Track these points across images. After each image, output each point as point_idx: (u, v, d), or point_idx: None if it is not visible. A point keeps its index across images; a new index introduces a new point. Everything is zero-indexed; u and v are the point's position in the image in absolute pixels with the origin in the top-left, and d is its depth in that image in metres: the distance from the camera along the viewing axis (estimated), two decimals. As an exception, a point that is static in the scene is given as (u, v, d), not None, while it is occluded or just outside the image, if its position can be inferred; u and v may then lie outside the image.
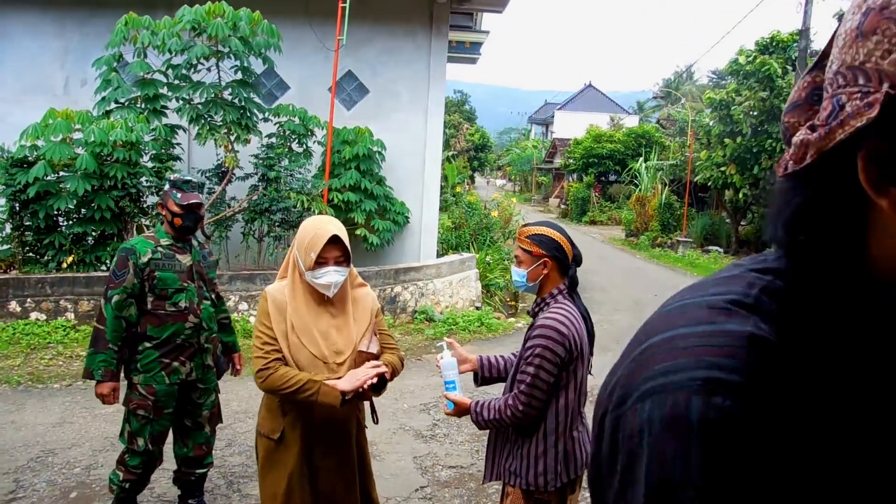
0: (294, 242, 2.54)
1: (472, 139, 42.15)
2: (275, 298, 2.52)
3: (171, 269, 3.42)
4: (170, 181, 3.49)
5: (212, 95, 7.80)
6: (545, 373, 2.29)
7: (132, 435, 3.43)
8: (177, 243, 3.48)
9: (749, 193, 18.42)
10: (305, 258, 2.45)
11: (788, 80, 16.73)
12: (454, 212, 13.36)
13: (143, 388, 3.40)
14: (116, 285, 3.33)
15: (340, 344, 2.54)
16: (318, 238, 2.43)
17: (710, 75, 52.01)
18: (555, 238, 2.44)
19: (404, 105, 10.11)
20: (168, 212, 3.42)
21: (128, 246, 3.41)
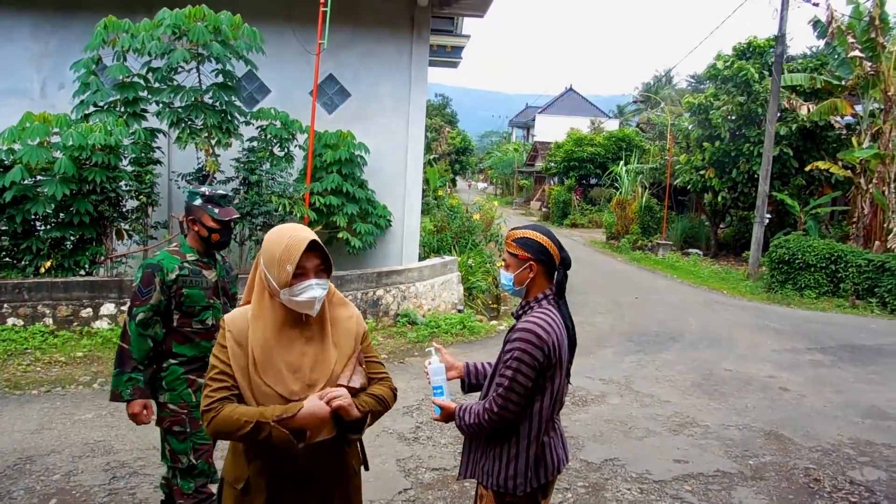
0: (258, 260, 2.13)
1: (454, 142, 42.15)
2: (234, 326, 2.09)
3: (199, 286, 3.25)
4: (202, 195, 3.25)
5: (192, 99, 7.74)
6: (522, 376, 2.28)
7: (174, 454, 3.26)
8: (203, 258, 3.31)
9: (728, 196, 18.64)
10: (279, 273, 2.03)
11: (765, 84, 16.96)
12: (436, 215, 13.38)
13: (173, 404, 3.24)
14: (142, 302, 3.15)
15: (314, 375, 2.11)
16: (294, 246, 2.03)
17: (688, 80, 52.56)
18: (540, 241, 2.43)
19: (386, 108, 10.11)
20: (203, 227, 3.24)
21: (153, 262, 3.21)
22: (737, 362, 8.27)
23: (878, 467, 5.17)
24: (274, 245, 2.08)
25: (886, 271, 12.44)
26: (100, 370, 6.60)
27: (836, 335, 10.12)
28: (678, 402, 6.61)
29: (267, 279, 2.09)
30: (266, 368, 2.06)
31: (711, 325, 10.54)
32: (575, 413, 6.06)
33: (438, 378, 2.58)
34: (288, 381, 2.07)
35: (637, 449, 5.33)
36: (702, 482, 4.77)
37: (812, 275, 13.53)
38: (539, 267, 2.42)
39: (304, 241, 2.05)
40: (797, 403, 6.73)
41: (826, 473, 5.00)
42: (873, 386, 7.45)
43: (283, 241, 2.06)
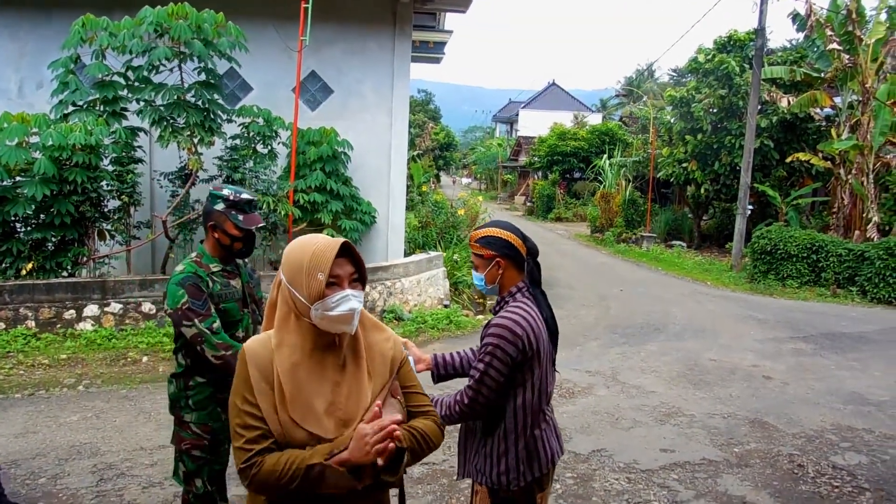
0: (278, 280, 1.83)
1: (438, 138, 42.16)
2: (257, 358, 1.76)
3: (233, 298, 3.00)
4: (226, 200, 2.94)
5: (174, 97, 7.69)
6: (494, 371, 2.30)
7: (189, 475, 3.02)
8: (226, 267, 3.03)
9: (710, 189, 18.79)
10: (309, 285, 1.73)
11: (746, 77, 17.09)
12: (421, 211, 13.38)
13: (196, 426, 2.98)
14: (206, 315, 2.84)
15: (349, 409, 1.79)
16: (324, 251, 1.75)
17: (670, 73, 52.78)
18: (503, 237, 2.43)
19: (369, 105, 10.10)
20: (224, 234, 2.94)
21: (188, 273, 2.89)
22: (721, 352, 8.35)
23: (859, 452, 5.25)
24: (298, 254, 1.78)
25: (866, 260, 12.60)
26: (84, 372, 6.55)
27: (817, 324, 10.25)
28: (664, 392, 6.67)
29: (293, 296, 1.77)
30: (296, 405, 1.73)
31: (695, 316, 10.63)
32: (562, 405, 6.10)
33: None
34: (321, 418, 1.75)
35: (624, 439, 5.38)
36: (688, 470, 4.82)
37: (794, 265, 13.68)
38: (507, 262, 2.43)
39: (334, 244, 1.76)
40: (780, 391, 6.82)
41: (809, 459, 5.08)
42: (854, 373, 7.56)
43: (308, 249, 1.77)
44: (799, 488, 4.59)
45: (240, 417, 1.74)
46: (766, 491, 4.53)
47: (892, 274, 12.13)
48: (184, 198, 8.22)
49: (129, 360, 6.90)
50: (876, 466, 4.99)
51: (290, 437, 1.73)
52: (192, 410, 2.99)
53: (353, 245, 1.81)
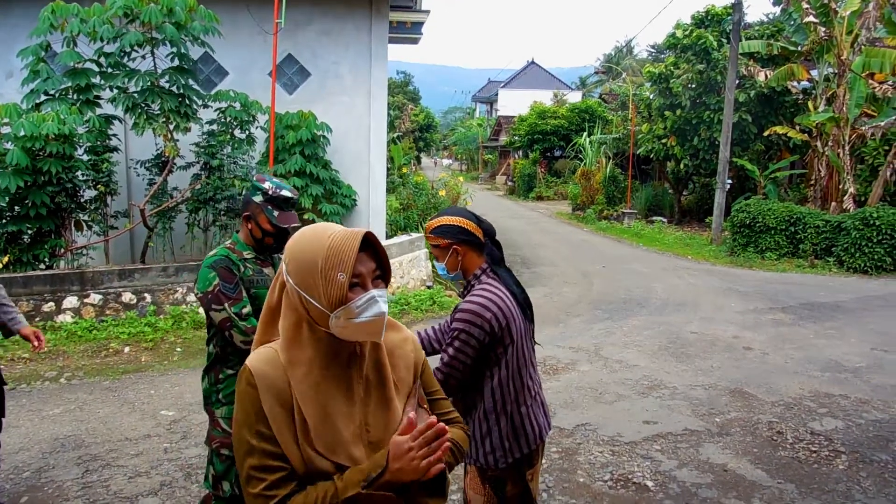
0: (280, 280, 1.53)
1: (417, 120, 41.93)
2: (266, 380, 1.45)
3: (265, 285, 2.93)
4: (265, 193, 2.88)
5: (148, 83, 7.57)
6: (463, 354, 2.32)
7: (216, 479, 2.88)
8: (260, 255, 2.99)
9: (690, 164, 18.89)
10: (328, 288, 1.42)
11: (724, 52, 17.13)
12: (401, 193, 13.36)
13: (226, 422, 2.87)
14: (236, 299, 2.78)
15: (378, 429, 1.53)
16: (344, 245, 1.44)
17: (649, 49, 52.83)
18: (456, 223, 2.45)
19: (347, 87, 10.01)
20: (257, 227, 2.90)
21: (220, 256, 2.85)
22: (702, 325, 8.46)
23: (836, 417, 5.37)
24: (310, 251, 1.45)
25: (842, 231, 12.78)
26: (66, 364, 6.51)
27: (796, 294, 10.40)
28: (646, 365, 6.75)
29: (305, 302, 1.45)
30: (322, 434, 1.45)
31: (677, 290, 10.74)
32: (546, 381, 6.16)
33: None
34: (350, 445, 1.48)
35: (608, 413, 5.45)
36: (671, 441, 4.90)
37: (772, 237, 13.84)
38: (464, 247, 2.45)
39: (355, 236, 1.45)
40: (760, 361, 6.93)
41: (788, 426, 5.18)
42: (831, 341, 7.70)
43: (322, 243, 1.44)
44: (778, 454, 4.69)
45: (255, 457, 1.42)
46: (747, 458, 4.62)
47: (868, 244, 12.31)
48: (161, 185, 8.13)
49: (110, 351, 6.86)
50: (851, 430, 5.10)
51: (312, 470, 1.45)
52: (223, 405, 2.89)
53: (374, 235, 1.50)
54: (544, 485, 4.16)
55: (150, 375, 6.30)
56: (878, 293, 10.57)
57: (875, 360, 6.97)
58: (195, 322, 7.62)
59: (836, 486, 4.22)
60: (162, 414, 5.32)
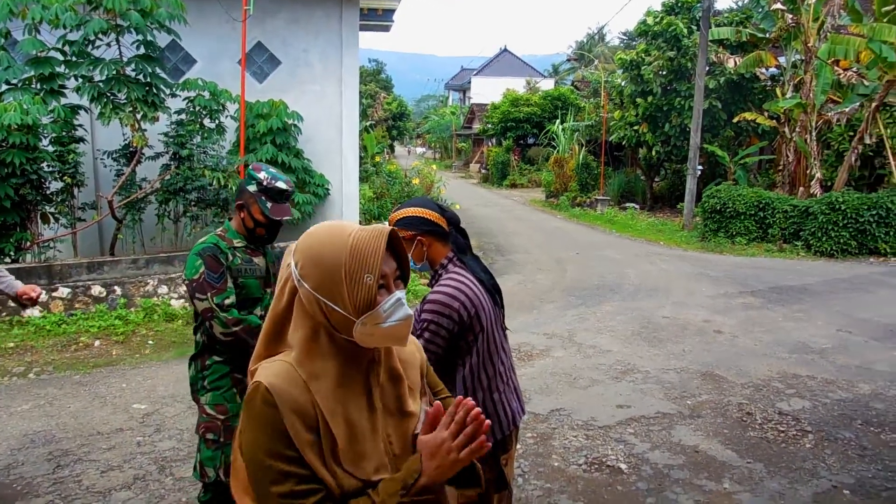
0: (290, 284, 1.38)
1: (390, 108, 41.72)
2: (286, 396, 1.30)
3: (253, 275, 2.92)
4: (259, 184, 2.85)
5: (113, 72, 7.41)
6: (433, 345, 2.31)
7: (202, 465, 2.90)
8: (251, 245, 2.96)
9: (661, 150, 19.07)
10: (354, 292, 1.31)
11: (694, 39, 17.29)
12: (375, 182, 13.31)
13: (211, 408, 2.87)
14: (220, 289, 2.76)
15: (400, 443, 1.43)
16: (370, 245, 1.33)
17: (620, 37, 53.04)
18: (418, 214, 2.45)
19: (318, 76, 9.92)
20: (250, 217, 2.89)
21: (209, 244, 2.83)
22: (674, 309, 8.58)
23: (803, 397, 5.49)
24: (330, 251, 1.32)
25: (810, 215, 13.02)
26: (34, 359, 6.39)
27: (765, 278, 10.59)
28: (619, 350, 6.84)
29: (325, 309, 1.32)
30: (348, 451, 1.34)
31: (649, 276, 10.87)
32: (521, 367, 6.21)
33: None
34: (375, 460, 1.36)
35: (582, 398, 5.51)
36: (643, 424, 4.98)
37: (742, 222, 14.06)
38: (428, 238, 2.45)
39: (381, 233, 1.34)
40: (730, 344, 7.06)
41: (757, 407, 5.29)
42: (799, 323, 7.86)
43: (344, 241, 1.32)
44: (747, 435, 4.79)
45: (284, 485, 1.27)
46: (717, 439, 4.71)
47: (834, 228, 12.57)
48: (129, 176, 7.99)
49: (80, 345, 6.75)
50: (818, 410, 5.23)
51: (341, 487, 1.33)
52: (208, 391, 2.90)
53: (396, 232, 1.39)
54: (519, 469, 4.20)
55: (121, 369, 6.22)
56: (843, 276, 10.80)
57: (840, 341, 7.13)
58: (167, 314, 7.54)
59: (802, 465, 4.33)
60: (134, 407, 5.26)
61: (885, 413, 5.16)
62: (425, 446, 1.32)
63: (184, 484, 4.02)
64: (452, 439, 1.29)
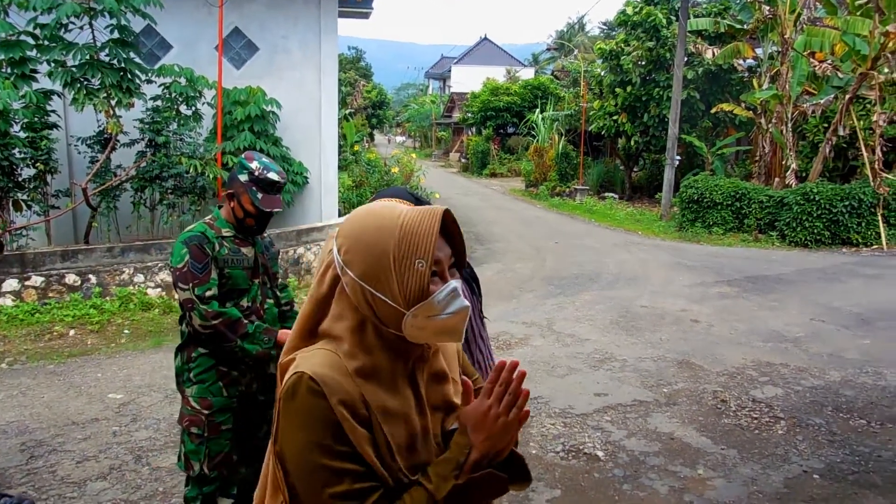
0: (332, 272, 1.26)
1: (370, 96, 41.45)
2: (335, 384, 1.16)
3: (240, 266, 2.86)
4: (251, 174, 2.80)
5: (87, 57, 7.27)
6: None
7: (187, 458, 2.87)
8: (239, 234, 2.90)
9: (640, 140, 19.18)
10: (405, 280, 1.16)
11: (673, 29, 17.37)
12: (354, 170, 13.24)
13: (195, 401, 2.84)
14: (203, 280, 2.71)
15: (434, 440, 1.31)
16: (422, 228, 1.18)
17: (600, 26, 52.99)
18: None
19: (296, 62, 9.81)
20: (240, 207, 2.83)
21: (196, 233, 2.77)
22: (651, 298, 8.67)
23: (776, 385, 5.59)
24: (377, 234, 1.19)
25: (785, 206, 13.20)
26: (7, 349, 6.30)
27: (741, 268, 10.73)
28: (597, 339, 6.90)
29: (372, 299, 1.19)
30: (406, 455, 1.23)
31: (627, 265, 10.96)
32: (500, 356, 6.22)
33: None
34: (422, 453, 1.26)
35: (560, 386, 5.56)
36: (620, 412, 5.04)
37: (719, 212, 14.22)
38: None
39: (434, 215, 1.19)
40: (706, 333, 7.15)
41: (732, 394, 5.38)
42: (774, 312, 7.99)
43: (393, 223, 1.19)
44: (722, 422, 4.87)
45: (337, 484, 1.14)
46: (693, 426, 4.78)
47: (808, 218, 12.76)
48: (104, 163, 7.86)
49: (55, 335, 6.66)
50: (790, 397, 5.33)
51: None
52: (193, 384, 2.86)
53: (452, 214, 1.25)
54: (498, 457, 4.23)
55: (97, 358, 6.15)
56: (817, 266, 10.98)
57: (813, 329, 7.26)
58: (143, 304, 7.46)
59: (774, 451, 4.41)
60: (110, 397, 5.21)
61: (855, 400, 5.28)
62: (469, 418, 1.21)
63: (160, 474, 3.99)
64: (498, 403, 1.19)
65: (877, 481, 4.00)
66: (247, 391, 2.94)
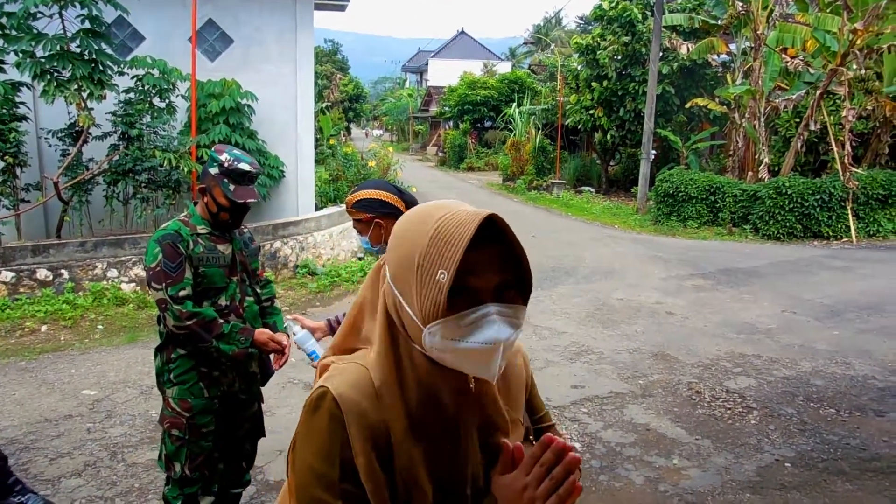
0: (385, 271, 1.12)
1: (346, 90, 41.25)
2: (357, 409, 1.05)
3: (216, 264, 2.79)
4: (220, 165, 2.73)
5: (57, 48, 7.13)
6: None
7: (168, 459, 2.83)
8: (215, 231, 2.83)
9: (616, 135, 19.33)
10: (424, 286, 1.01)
11: (648, 24, 17.51)
12: (331, 164, 13.17)
13: (175, 402, 2.79)
14: (176, 280, 2.64)
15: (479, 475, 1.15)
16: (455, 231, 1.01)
17: (577, 21, 53.29)
18: (376, 197, 2.44)
19: (272, 55, 9.72)
20: (213, 201, 2.77)
21: (169, 231, 2.71)
22: (627, 291, 8.75)
23: (749, 376, 5.69)
24: (411, 235, 1.05)
25: (758, 200, 13.40)
26: (-23, 345, 6.18)
27: (715, 261, 10.88)
28: (574, 332, 6.96)
29: (399, 307, 1.07)
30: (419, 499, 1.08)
31: (604, 259, 11.05)
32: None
33: (309, 344, 2.64)
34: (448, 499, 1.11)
35: (537, 379, 5.52)
36: (597, 404, 5.09)
37: (694, 206, 14.39)
38: (386, 220, 2.44)
39: (473, 218, 1.01)
40: (681, 325, 7.25)
41: (706, 385, 5.46)
42: (746, 304, 8.11)
43: (429, 224, 1.03)
44: (696, 412, 4.94)
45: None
46: (668, 417, 4.85)
47: (780, 212, 12.96)
48: (76, 157, 7.72)
49: (26, 331, 6.54)
50: (762, 388, 5.42)
51: None
52: (173, 385, 2.80)
53: (504, 222, 1.06)
54: (476, 450, 4.25)
55: (70, 354, 6.06)
56: (789, 259, 11.17)
57: (785, 321, 7.39)
58: (117, 299, 7.36)
59: (747, 440, 4.49)
60: (84, 394, 5.14)
61: (825, 389, 5.39)
62: (501, 492, 1.03)
63: (136, 470, 3.95)
64: (535, 487, 0.96)
65: (845, 468, 4.10)
66: (228, 391, 2.90)
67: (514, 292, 1.08)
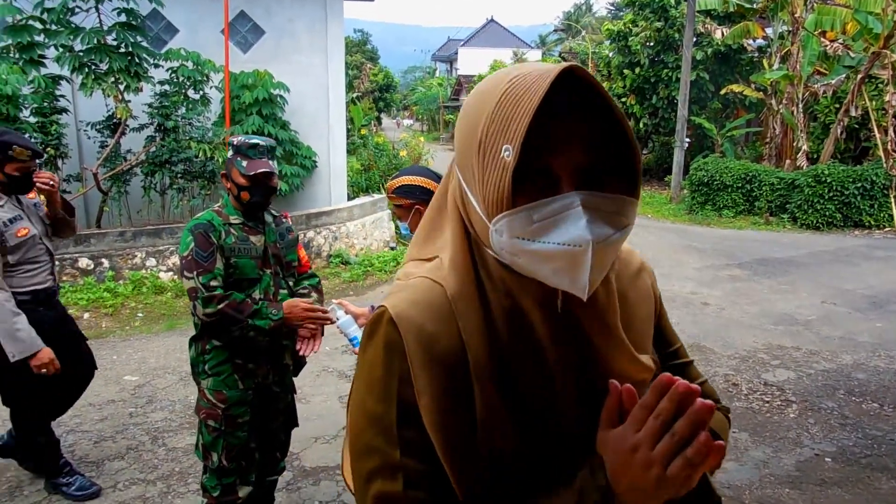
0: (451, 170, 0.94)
1: (377, 80, 41.33)
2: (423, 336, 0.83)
3: (248, 255, 2.77)
4: (233, 146, 2.76)
5: (94, 41, 7.26)
6: None
7: (206, 449, 2.84)
8: (248, 222, 2.81)
9: (649, 123, 19.06)
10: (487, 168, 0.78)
11: (681, 9, 17.19)
12: (362, 154, 13.20)
13: (211, 394, 2.79)
14: (206, 269, 2.63)
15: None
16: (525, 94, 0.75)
17: (608, 7, 52.58)
18: (417, 183, 2.43)
19: (303, 46, 9.77)
20: (233, 184, 2.75)
21: (202, 221, 2.71)
22: (661, 281, 8.56)
23: (788, 368, 5.59)
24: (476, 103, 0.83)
25: (796, 188, 13.11)
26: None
27: (751, 250, 10.69)
28: (607, 322, 6.89)
29: (465, 200, 0.87)
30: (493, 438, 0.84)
31: (637, 248, 10.87)
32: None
33: (351, 329, 2.67)
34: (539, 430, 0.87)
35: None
36: (631, 395, 5.04)
37: (729, 195, 14.14)
38: (426, 206, 2.44)
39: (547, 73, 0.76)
40: (717, 316, 7.14)
41: (743, 378, 5.38)
42: (785, 295, 7.96)
43: (498, 89, 0.79)
44: (733, 405, 4.87)
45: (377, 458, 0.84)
46: (704, 409, 4.78)
47: (819, 201, 12.67)
48: (114, 148, 7.87)
49: (68, 318, 6.71)
50: (802, 380, 5.32)
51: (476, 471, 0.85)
52: (208, 376, 2.80)
53: (593, 78, 0.81)
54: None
55: (111, 341, 6.20)
56: (828, 248, 10.92)
57: (825, 312, 7.24)
58: (156, 287, 7.50)
59: (786, 434, 4.42)
60: (126, 379, 5.26)
61: (867, 383, 5.27)
62: (608, 451, 0.77)
63: (177, 454, 4.04)
64: (650, 446, 0.71)
65: (889, 464, 4.01)
66: (262, 383, 2.89)
67: (615, 180, 0.81)
